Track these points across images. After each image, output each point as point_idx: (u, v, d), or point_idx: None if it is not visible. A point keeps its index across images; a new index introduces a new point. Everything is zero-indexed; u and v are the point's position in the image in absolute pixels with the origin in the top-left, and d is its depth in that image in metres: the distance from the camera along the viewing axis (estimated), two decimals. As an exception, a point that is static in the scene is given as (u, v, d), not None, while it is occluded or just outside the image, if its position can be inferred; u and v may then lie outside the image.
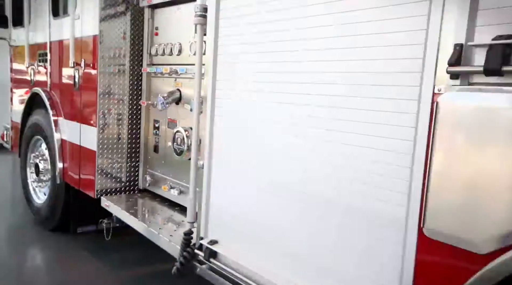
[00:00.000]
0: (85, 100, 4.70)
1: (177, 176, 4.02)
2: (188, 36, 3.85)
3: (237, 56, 2.69)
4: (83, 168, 4.78)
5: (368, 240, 1.93)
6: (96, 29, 4.39)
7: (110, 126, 4.53)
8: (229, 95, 2.73)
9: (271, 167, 2.52)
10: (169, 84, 4.12)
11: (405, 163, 1.78)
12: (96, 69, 4.45)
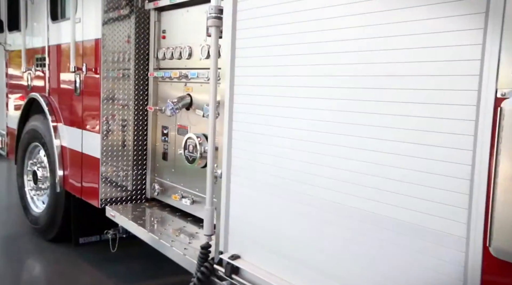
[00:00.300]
0: (87, 105, 4.51)
1: (189, 185, 3.84)
2: (198, 39, 3.69)
3: (257, 60, 2.54)
4: (86, 176, 4.59)
5: (421, 260, 1.77)
6: (99, 32, 4.22)
7: (114, 133, 4.35)
8: (248, 100, 2.58)
9: (296, 176, 2.37)
10: (178, 89, 3.96)
11: (464, 175, 1.63)
12: (99, 74, 4.27)
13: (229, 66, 2.64)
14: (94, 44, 4.39)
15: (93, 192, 4.44)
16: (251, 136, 2.58)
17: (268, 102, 2.49)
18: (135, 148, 4.46)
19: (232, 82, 2.62)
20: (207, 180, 2.83)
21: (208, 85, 3.54)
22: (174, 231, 3.61)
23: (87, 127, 4.50)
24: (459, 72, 1.67)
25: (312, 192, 2.32)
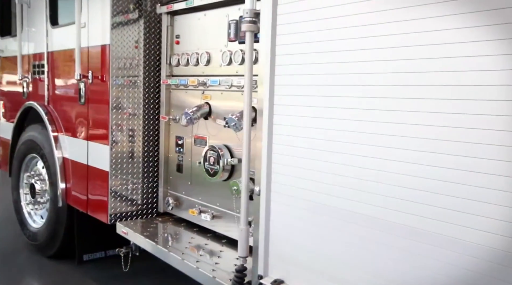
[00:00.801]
0: (94, 115, 4.26)
1: (209, 199, 3.62)
2: (218, 44, 3.48)
3: (300, 67, 2.34)
4: (92, 190, 4.32)
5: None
6: (107, 38, 3.97)
7: (123, 144, 4.10)
8: (290, 111, 2.38)
9: (346, 193, 2.18)
10: (194, 97, 3.73)
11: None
12: (107, 82, 4.02)
13: (268, 75, 2.43)
14: (101, 50, 4.14)
15: (101, 207, 4.18)
16: (293, 150, 2.38)
17: (311, 113, 2.30)
18: (146, 159, 4.22)
19: (272, 92, 2.42)
20: (242, 197, 2.62)
21: (229, 93, 3.35)
22: (196, 250, 3.38)
23: (94, 138, 4.24)
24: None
25: (363, 211, 2.13)
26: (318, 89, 2.27)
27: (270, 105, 2.41)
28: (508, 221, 1.61)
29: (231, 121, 3.13)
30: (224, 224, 3.50)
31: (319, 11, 2.23)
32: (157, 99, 4.20)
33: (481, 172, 1.67)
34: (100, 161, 4.15)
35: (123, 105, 4.07)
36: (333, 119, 2.23)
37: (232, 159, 3.32)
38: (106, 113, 4.04)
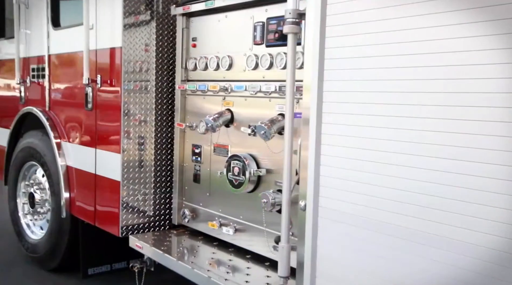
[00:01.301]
0: (103, 121, 4.03)
1: (231, 212, 3.42)
2: (242, 47, 3.28)
3: (352, 73, 2.17)
4: (101, 201, 4.09)
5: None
6: (119, 40, 3.75)
7: (135, 152, 3.88)
8: (341, 120, 2.20)
9: (405, 210, 2.01)
10: (213, 103, 3.53)
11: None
12: (119, 87, 3.80)
13: (316, 80, 2.25)
14: (110, 53, 3.92)
15: (111, 219, 3.95)
16: (344, 161, 2.20)
17: (363, 122, 2.13)
18: (158, 168, 4.00)
19: (320, 99, 2.23)
20: (283, 212, 2.43)
21: (254, 99, 3.18)
22: (220, 266, 3.18)
23: (103, 145, 4.01)
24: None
25: (421, 227, 1.97)
26: (371, 96, 2.09)
27: (318, 113, 2.23)
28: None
29: (260, 129, 2.93)
30: (248, 238, 3.30)
31: (375, 11, 2.05)
32: (170, 105, 3.99)
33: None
34: (110, 170, 3.92)
35: (135, 111, 3.85)
36: (388, 128, 2.06)
37: (259, 170, 3.13)
38: (117, 120, 3.81)
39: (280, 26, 3.01)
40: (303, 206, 2.32)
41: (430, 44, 1.95)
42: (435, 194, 1.93)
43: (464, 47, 1.81)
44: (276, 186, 3.09)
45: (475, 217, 1.80)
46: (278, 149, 3.02)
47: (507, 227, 1.70)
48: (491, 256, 1.77)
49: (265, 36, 3.12)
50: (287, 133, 2.39)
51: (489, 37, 1.74)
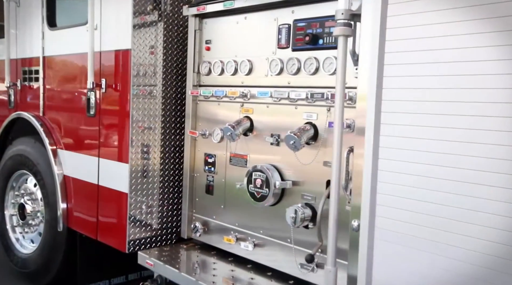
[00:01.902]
0: (108, 129, 3.77)
1: (250, 226, 3.21)
2: (264, 51, 3.09)
3: (414, 80, 1.99)
4: (105, 214, 3.83)
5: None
6: (128, 42, 3.52)
7: (143, 162, 3.63)
8: (400, 131, 2.02)
9: (470, 231, 1.84)
10: (229, 109, 3.32)
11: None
12: (127, 91, 3.55)
13: (374, 88, 2.06)
14: (119, 55, 3.67)
15: (116, 233, 3.69)
16: (404, 178, 2.02)
17: (426, 134, 1.96)
18: (166, 179, 3.76)
19: (378, 108, 2.05)
20: (330, 232, 2.23)
21: (278, 107, 2.98)
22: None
23: (108, 154, 3.75)
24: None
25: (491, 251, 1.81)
26: (437, 107, 1.92)
27: (376, 125, 2.05)
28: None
29: (290, 139, 2.74)
30: (269, 254, 3.10)
31: (442, 13, 1.88)
32: (177, 111, 3.76)
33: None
34: (116, 181, 3.67)
35: (140, 117, 3.61)
36: (452, 141, 1.89)
37: (285, 182, 2.93)
38: (125, 127, 3.57)
39: (309, 28, 2.83)
40: (356, 226, 2.12)
41: (495, 50, 1.80)
42: (503, 213, 1.77)
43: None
44: (303, 199, 2.90)
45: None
46: (305, 159, 2.83)
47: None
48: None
49: (291, 39, 2.93)
50: (336, 144, 2.19)
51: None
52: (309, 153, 2.82)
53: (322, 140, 2.78)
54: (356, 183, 2.15)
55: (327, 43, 2.74)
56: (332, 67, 2.70)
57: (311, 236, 2.82)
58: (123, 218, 3.59)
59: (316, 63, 2.78)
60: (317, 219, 2.72)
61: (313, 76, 2.81)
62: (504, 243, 1.77)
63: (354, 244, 2.14)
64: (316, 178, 2.82)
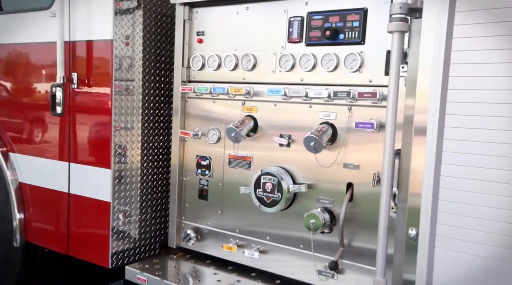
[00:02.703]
0: (83, 129, 3.35)
1: (254, 232, 2.99)
2: (271, 45, 2.87)
3: (484, 81, 1.88)
4: (79, 226, 3.41)
5: None
6: (109, 31, 3.13)
7: (123, 166, 3.27)
8: (465, 134, 1.92)
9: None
10: (228, 108, 3.07)
11: None
12: (108, 87, 3.18)
13: (439, 88, 1.93)
14: (90, 46, 3.28)
15: (96, 247, 3.31)
16: (469, 184, 1.91)
17: (493, 138, 1.87)
18: (148, 184, 3.42)
19: (442, 110, 1.93)
20: (380, 242, 2.08)
21: (287, 105, 2.79)
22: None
23: (83, 159, 3.33)
24: None
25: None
26: (504, 108, 1.84)
27: (439, 128, 1.92)
28: None
29: (310, 140, 2.55)
30: (278, 261, 2.91)
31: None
32: (159, 109, 3.43)
33: None
34: (94, 189, 3.27)
35: (119, 117, 3.24)
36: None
37: (299, 186, 2.75)
38: (106, 128, 3.18)
39: (327, 22, 2.65)
40: (414, 235, 2.00)
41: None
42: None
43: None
44: (319, 203, 2.73)
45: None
46: (323, 162, 2.67)
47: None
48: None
49: (305, 33, 2.74)
50: (388, 145, 2.04)
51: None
52: (326, 154, 2.66)
53: (341, 141, 2.63)
54: (413, 188, 2.01)
55: (349, 38, 2.59)
56: (356, 64, 2.55)
57: (325, 241, 2.68)
58: (104, 229, 3.21)
59: (336, 60, 2.62)
60: (340, 224, 2.58)
61: (332, 73, 2.65)
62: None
63: (411, 253, 2.01)
64: (334, 181, 2.68)
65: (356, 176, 2.60)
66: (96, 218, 3.26)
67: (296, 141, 2.81)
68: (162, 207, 3.52)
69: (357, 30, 2.56)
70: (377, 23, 2.49)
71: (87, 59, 3.28)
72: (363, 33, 2.54)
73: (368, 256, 2.57)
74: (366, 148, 2.56)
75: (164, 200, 3.53)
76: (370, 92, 2.46)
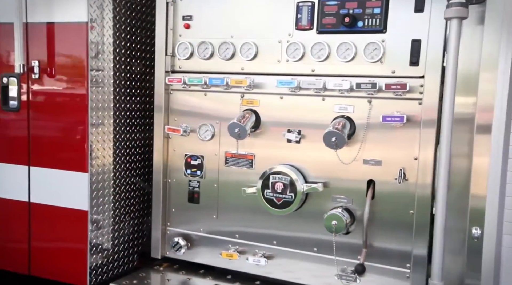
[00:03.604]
0: (49, 127, 2.87)
1: (258, 237, 2.76)
2: (276, 32, 2.63)
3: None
4: (43, 241, 2.93)
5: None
6: (83, 12, 2.69)
7: (98, 169, 2.86)
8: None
9: None
10: (222, 101, 2.78)
11: None
12: (82, 78, 2.73)
13: (507, 81, 1.82)
14: (52, 30, 2.79)
15: (70, 264, 2.86)
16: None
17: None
18: (122, 188, 3.03)
19: (510, 105, 1.82)
20: (437, 243, 1.95)
21: (296, 98, 2.59)
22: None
23: (49, 162, 2.86)
24: None
25: None
26: None
27: (507, 121, 1.81)
28: None
29: (331, 135, 2.36)
30: (287, 266, 2.71)
31: None
32: (129, 103, 3.05)
33: None
34: (66, 196, 2.82)
35: (96, 113, 2.82)
36: None
37: (315, 185, 2.55)
38: (79, 125, 2.75)
39: (343, 8, 2.46)
40: (478, 234, 1.89)
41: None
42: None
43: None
44: (335, 202, 2.56)
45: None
46: (341, 157, 2.49)
47: None
48: None
49: (317, 20, 2.53)
50: (444, 140, 1.91)
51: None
52: (343, 150, 2.49)
53: (361, 135, 2.47)
54: (476, 186, 1.90)
55: (369, 26, 2.42)
56: (377, 54, 2.40)
57: (339, 243, 2.53)
58: (80, 243, 2.78)
59: (354, 49, 2.44)
60: (364, 224, 2.43)
61: (348, 63, 2.47)
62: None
63: (475, 253, 1.91)
64: (352, 178, 2.52)
65: (378, 172, 2.46)
66: (68, 230, 2.82)
67: (306, 136, 2.60)
68: (139, 213, 3.15)
69: (378, 18, 2.40)
70: (400, 9, 2.35)
71: (53, 44, 2.79)
72: (385, 20, 2.39)
73: (390, 257, 2.46)
74: (389, 143, 2.43)
75: (141, 206, 3.16)
76: (399, 83, 2.32)
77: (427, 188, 2.32)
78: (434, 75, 2.28)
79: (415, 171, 2.37)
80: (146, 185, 3.13)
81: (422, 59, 2.31)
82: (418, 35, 2.32)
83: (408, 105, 2.37)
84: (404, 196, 2.41)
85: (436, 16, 2.25)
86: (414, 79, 2.33)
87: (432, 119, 2.29)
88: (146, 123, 3.16)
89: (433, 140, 2.29)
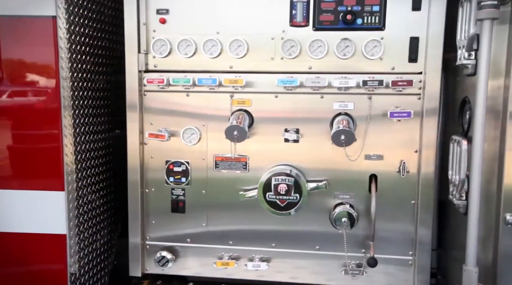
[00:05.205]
0: (12, 139, 2.40)
1: (254, 241, 2.65)
2: (267, 28, 2.52)
3: None
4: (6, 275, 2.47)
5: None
6: (51, 5, 2.28)
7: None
8: None
9: None
10: (208, 101, 2.60)
11: None
12: (52, 79, 2.34)
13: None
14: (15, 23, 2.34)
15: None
16: None
17: None
18: (84, 200, 2.69)
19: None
20: (471, 230, 2.06)
21: (293, 96, 2.55)
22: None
23: (12, 182, 2.39)
24: None
25: None
26: None
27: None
28: None
29: (340, 134, 2.36)
30: (290, 268, 2.67)
31: None
32: (88, 107, 2.71)
33: None
34: (34, 221, 2.39)
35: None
36: None
37: (320, 183, 2.54)
38: (50, 136, 2.34)
39: (341, 5, 2.45)
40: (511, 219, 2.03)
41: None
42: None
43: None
44: (337, 199, 2.58)
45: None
46: (343, 154, 2.51)
47: None
48: None
49: (313, 17, 2.48)
50: (477, 143, 2.01)
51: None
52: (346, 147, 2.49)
53: (362, 131, 2.51)
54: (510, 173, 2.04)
55: (368, 24, 2.45)
56: (377, 51, 2.44)
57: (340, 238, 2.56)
58: (59, 272, 2.40)
59: (353, 46, 2.46)
60: (372, 218, 2.48)
61: (347, 60, 2.48)
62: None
63: (508, 239, 2.06)
64: (354, 174, 2.55)
65: (380, 167, 2.53)
66: (41, 258, 2.40)
67: (304, 135, 2.56)
68: (110, 229, 2.82)
69: (377, 15, 2.44)
70: (398, 8, 2.42)
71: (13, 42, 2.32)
72: (384, 18, 2.44)
73: (393, 246, 2.57)
74: (389, 138, 2.50)
75: (109, 220, 2.83)
76: (406, 80, 2.40)
77: (429, 179, 2.46)
78: (433, 71, 2.40)
79: (416, 163, 2.49)
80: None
81: (421, 55, 2.42)
82: (416, 33, 2.42)
83: (407, 100, 2.46)
84: (406, 188, 2.51)
85: (434, 14, 2.37)
86: (413, 75, 2.43)
87: (432, 112, 2.42)
88: (109, 128, 2.83)
89: (433, 133, 2.43)
